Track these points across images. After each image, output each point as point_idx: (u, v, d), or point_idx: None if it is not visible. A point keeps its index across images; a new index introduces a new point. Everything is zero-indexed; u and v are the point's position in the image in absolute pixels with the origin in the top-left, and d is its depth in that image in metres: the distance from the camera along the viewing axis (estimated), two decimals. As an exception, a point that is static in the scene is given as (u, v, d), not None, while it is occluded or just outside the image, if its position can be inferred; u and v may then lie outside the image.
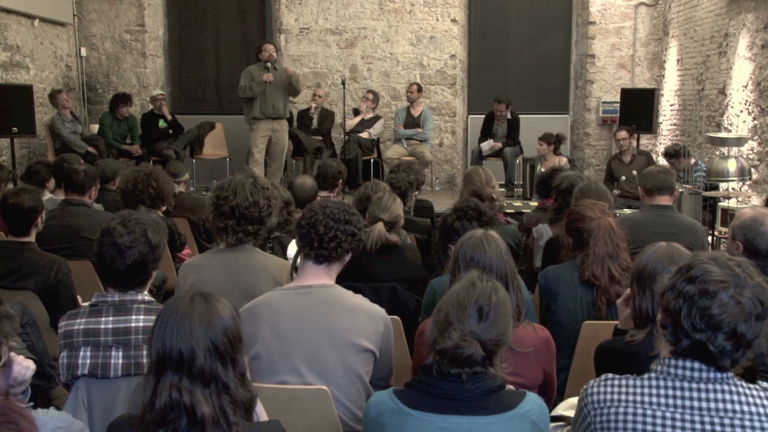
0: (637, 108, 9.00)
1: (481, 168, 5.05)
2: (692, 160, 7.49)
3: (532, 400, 1.99)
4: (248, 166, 8.24)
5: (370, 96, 9.52)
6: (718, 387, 1.77)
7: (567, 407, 2.44)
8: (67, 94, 8.85)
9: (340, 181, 5.38)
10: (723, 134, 7.47)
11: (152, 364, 1.78)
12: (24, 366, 2.05)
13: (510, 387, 2.06)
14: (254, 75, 8.37)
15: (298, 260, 2.83)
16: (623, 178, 7.98)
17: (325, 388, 2.45)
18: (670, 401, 1.79)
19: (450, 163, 10.44)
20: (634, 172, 7.68)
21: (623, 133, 8.20)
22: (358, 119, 9.48)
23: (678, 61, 9.51)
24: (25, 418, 1.54)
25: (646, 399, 1.81)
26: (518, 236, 4.66)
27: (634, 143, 8.50)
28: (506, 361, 2.03)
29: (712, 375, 1.78)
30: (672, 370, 1.81)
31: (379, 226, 3.68)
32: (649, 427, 1.78)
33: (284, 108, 8.58)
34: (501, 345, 1.98)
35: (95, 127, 9.29)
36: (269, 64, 8.35)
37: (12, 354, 1.98)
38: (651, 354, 1.98)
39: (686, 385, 1.79)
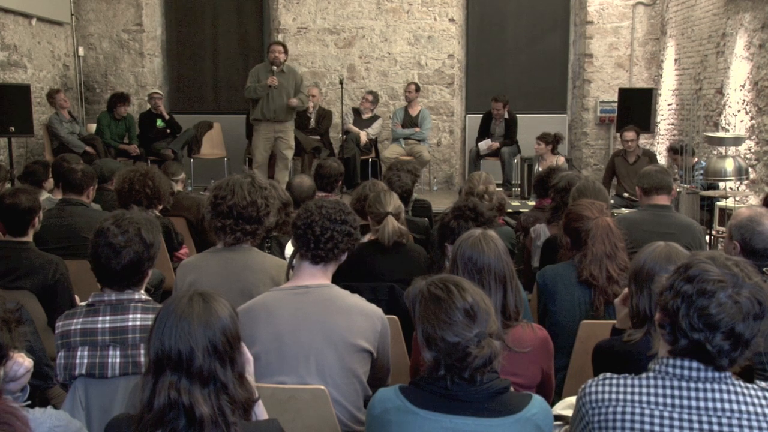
0: (635, 108, 9.01)
1: (479, 172, 5.03)
2: (695, 159, 7.50)
3: (538, 403, 1.98)
4: (251, 169, 8.14)
5: (369, 97, 9.51)
6: (716, 387, 1.77)
7: (565, 406, 2.44)
8: (65, 93, 8.84)
9: (340, 182, 5.36)
10: (720, 134, 7.48)
11: (151, 364, 1.78)
12: (18, 363, 2.04)
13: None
14: (260, 76, 8.21)
15: (294, 260, 2.83)
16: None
17: (323, 387, 2.44)
18: (668, 401, 1.79)
19: (448, 163, 10.45)
20: None
21: (632, 134, 8.14)
22: (364, 138, 9.36)
23: (676, 60, 9.52)
24: (18, 419, 1.54)
25: (644, 398, 1.81)
26: (512, 237, 4.66)
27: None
28: (504, 361, 2.02)
29: (710, 374, 1.78)
30: (670, 370, 1.81)
31: (391, 220, 3.67)
32: (647, 427, 1.78)
33: (287, 113, 8.32)
34: (495, 324, 1.97)
35: (93, 127, 9.28)
36: (275, 68, 8.15)
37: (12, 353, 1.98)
38: (649, 353, 1.98)
39: (684, 384, 1.79)
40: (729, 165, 6.40)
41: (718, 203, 6.58)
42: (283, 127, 8.36)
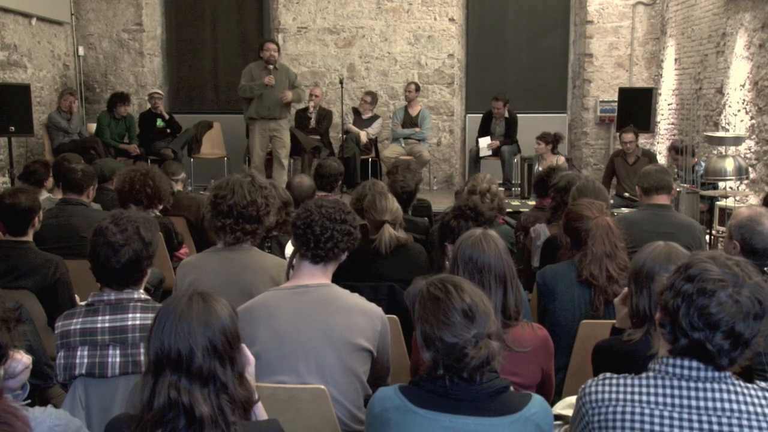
0: (635, 107, 9.00)
1: (483, 173, 5.07)
2: (695, 160, 7.49)
3: (538, 402, 1.99)
4: (250, 168, 8.15)
5: (368, 98, 9.51)
6: (716, 386, 1.77)
7: (565, 406, 2.44)
8: (73, 99, 8.78)
9: (340, 182, 5.36)
10: (720, 133, 7.48)
11: (150, 364, 1.78)
12: (17, 359, 2.04)
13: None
14: (254, 74, 8.21)
15: (294, 260, 2.83)
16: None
17: (323, 387, 2.44)
18: (668, 400, 1.79)
19: (448, 163, 10.44)
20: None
21: (630, 136, 8.09)
22: (364, 138, 9.37)
23: (676, 60, 9.52)
24: (19, 418, 1.54)
25: (644, 398, 1.81)
26: (511, 236, 4.66)
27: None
28: (504, 360, 2.02)
29: (710, 374, 1.78)
30: (670, 369, 1.81)
31: (388, 228, 3.68)
32: (647, 426, 1.78)
33: (282, 110, 8.37)
34: (494, 324, 1.97)
35: (93, 127, 9.28)
36: (270, 66, 8.16)
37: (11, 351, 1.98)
38: (649, 353, 1.97)
39: (684, 384, 1.79)
40: (729, 165, 6.40)
41: (718, 203, 6.58)
42: (278, 125, 8.39)
